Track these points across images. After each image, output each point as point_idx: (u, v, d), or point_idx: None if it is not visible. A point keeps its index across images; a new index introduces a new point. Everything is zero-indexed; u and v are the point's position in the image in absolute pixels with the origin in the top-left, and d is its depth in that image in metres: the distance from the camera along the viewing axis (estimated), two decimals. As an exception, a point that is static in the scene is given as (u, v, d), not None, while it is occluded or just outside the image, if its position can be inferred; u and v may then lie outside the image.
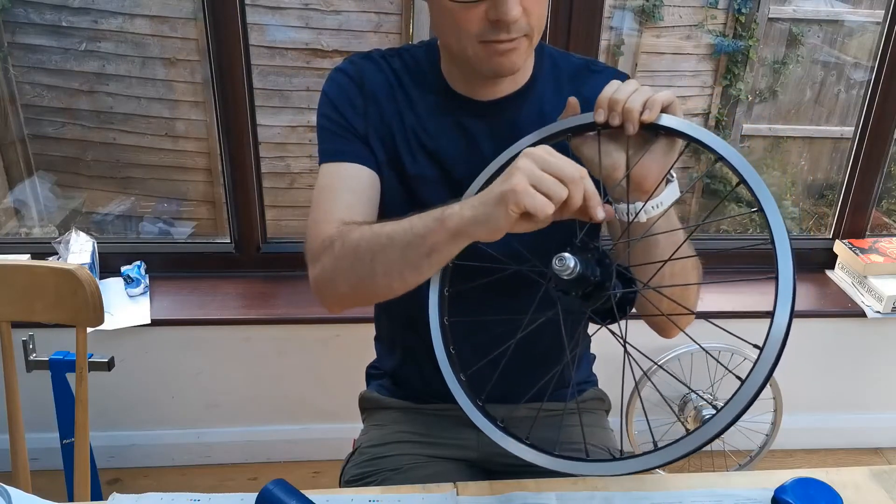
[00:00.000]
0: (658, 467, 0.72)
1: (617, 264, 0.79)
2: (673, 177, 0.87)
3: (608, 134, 0.86)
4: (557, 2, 1.72)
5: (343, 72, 1.02)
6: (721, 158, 0.78)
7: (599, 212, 0.75)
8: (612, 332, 0.80)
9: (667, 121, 0.82)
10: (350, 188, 0.97)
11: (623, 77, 1.02)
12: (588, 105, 0.96)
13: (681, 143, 0.85)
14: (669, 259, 0.86)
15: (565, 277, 0.74)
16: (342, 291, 0.93)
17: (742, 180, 0.77)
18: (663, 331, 1.01)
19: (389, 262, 0.86)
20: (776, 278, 0.70)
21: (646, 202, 0.85)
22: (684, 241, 0.89)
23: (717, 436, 0.70)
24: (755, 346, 0.71)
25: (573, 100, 0.90)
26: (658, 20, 3.00)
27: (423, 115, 1.01)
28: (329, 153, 1.00)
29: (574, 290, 0.77)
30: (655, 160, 0.85)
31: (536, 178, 0.73)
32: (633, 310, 0.82)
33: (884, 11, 1.88)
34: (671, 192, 0.87)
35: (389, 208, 1.03)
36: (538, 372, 1.01)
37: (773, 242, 0.72)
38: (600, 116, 0.84)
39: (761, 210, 0.74)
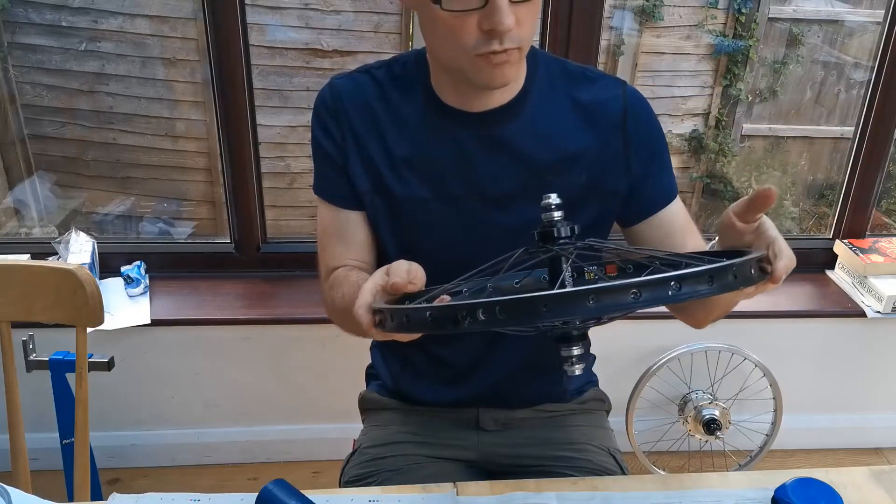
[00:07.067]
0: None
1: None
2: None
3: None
4: (557, 2, 1.72)
5: (322, 100, 1.03)
6: None
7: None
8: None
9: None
10: (339, 235, 1.05)
11: (619, 84, 1.01)
12: (584, 110, 0.96)
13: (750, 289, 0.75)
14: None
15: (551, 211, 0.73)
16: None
17: None
18: (698, 322, 1.03)
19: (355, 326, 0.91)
20: None
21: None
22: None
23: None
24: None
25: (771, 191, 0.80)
26: (658, 20, 2.99)
27: (410, 128, 0.99)
28: (319, 188, 1.06)
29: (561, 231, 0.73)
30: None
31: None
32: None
33: (884, 11, 1.88)
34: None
35: (386, 234, 1.03)
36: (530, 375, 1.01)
37: None
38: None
39: None
